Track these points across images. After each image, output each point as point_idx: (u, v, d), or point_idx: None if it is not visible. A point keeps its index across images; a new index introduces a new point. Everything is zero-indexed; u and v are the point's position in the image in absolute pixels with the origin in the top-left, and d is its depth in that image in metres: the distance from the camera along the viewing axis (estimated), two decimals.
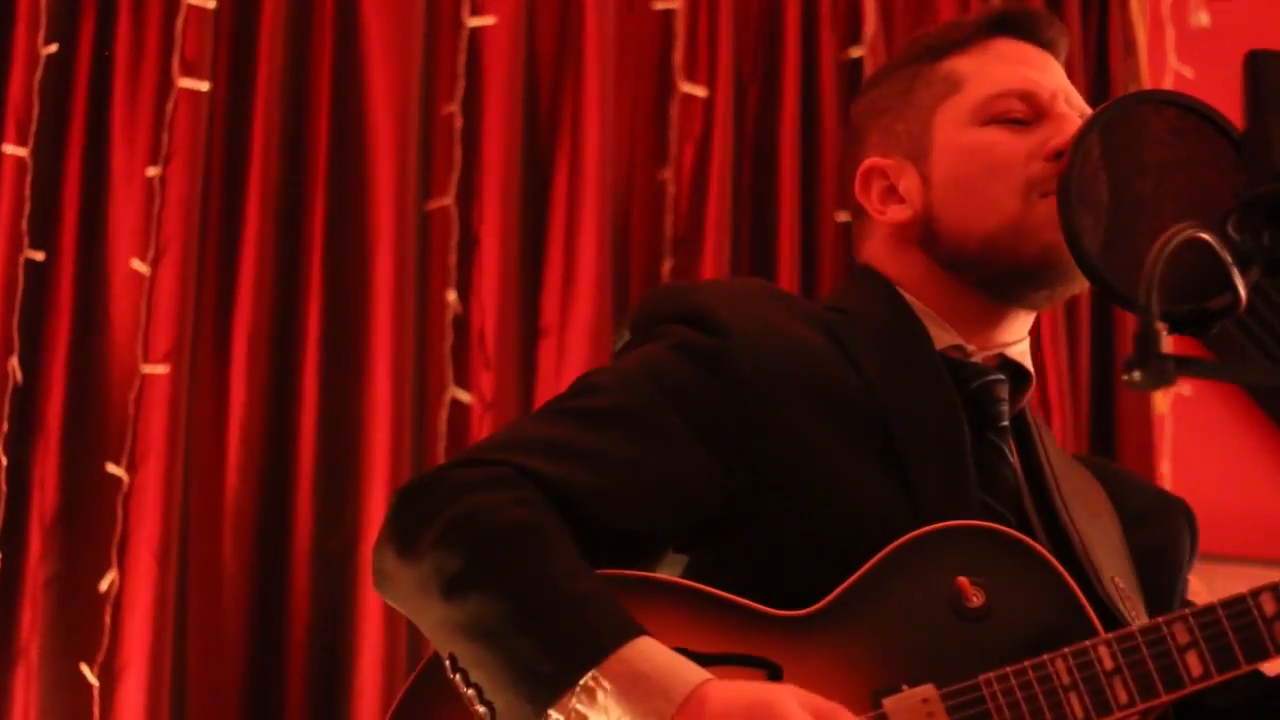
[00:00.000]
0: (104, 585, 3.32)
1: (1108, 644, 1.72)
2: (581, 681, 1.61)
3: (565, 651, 1.63)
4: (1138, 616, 1.86)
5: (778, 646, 1.72)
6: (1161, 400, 4.06)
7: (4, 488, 3.33)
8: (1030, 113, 1.95)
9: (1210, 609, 1.73)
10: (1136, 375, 1.34)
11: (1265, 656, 1.73)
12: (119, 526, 3.34)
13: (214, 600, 3.41)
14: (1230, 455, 4.21)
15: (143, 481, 3.35)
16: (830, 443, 1.82)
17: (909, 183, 1.99)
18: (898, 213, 2.00)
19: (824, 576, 1.77)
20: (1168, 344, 1.37)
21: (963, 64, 2.00)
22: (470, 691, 1.68)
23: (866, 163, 2.03)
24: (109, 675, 3.29)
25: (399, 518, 1.76)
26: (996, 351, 1.96)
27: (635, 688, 1.61)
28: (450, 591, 1.68)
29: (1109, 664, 1.71)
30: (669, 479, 1.79)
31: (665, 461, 1.79)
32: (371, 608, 3.42)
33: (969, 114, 1.97)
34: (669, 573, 1.82)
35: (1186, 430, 4.07)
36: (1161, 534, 2.04)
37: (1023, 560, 1.77)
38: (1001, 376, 1.94)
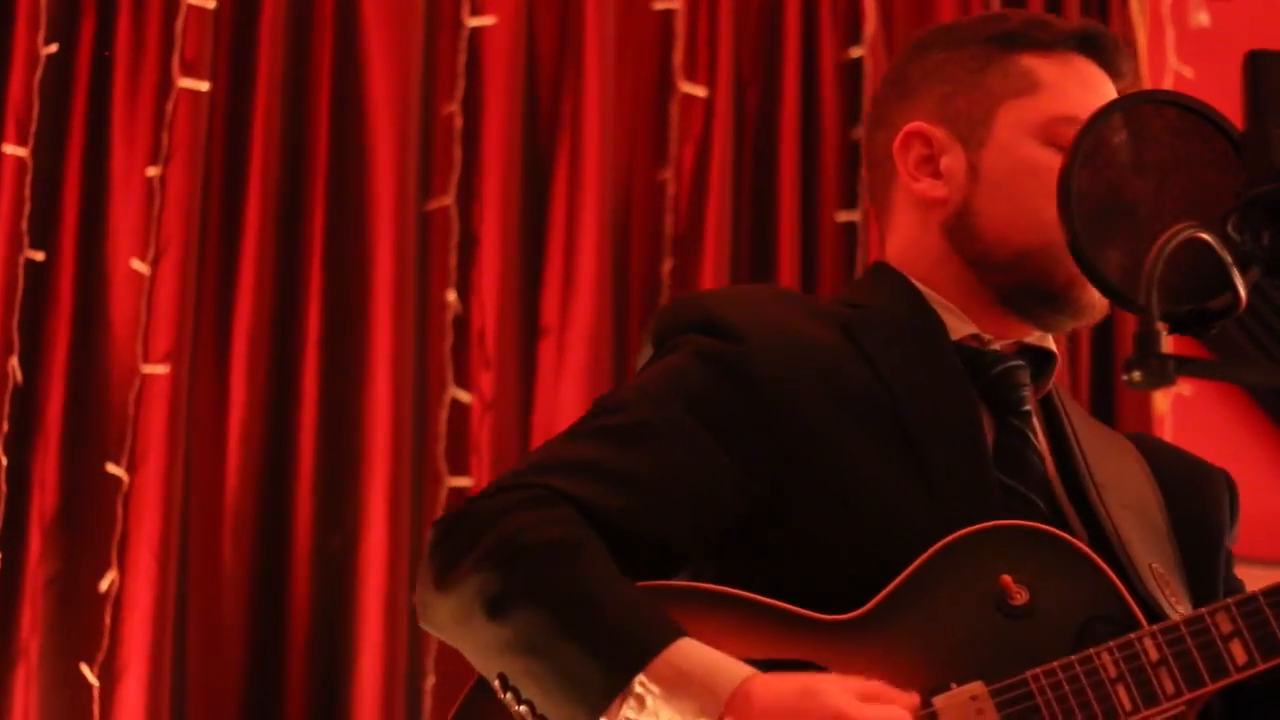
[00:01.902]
0: (104, 585, 3.32)
1: (1153, 636, 1.73)
2: (629, 686, 1.65)
3: (611, 658, 1.67)
4: (1176, 600, 1.87)
5: (825, 650, 1.74)
6: (1161, 400, 4.06)
7: (4, 488, 3.33)
8: None
9: (1252, 598, 1.75)
10: (1136, 375, 1.34)
11: None
12: (119, 526, 3.34)
13: (214, 600, 3.41)
14: (1230, 455, 4.18)
15: (143, 481, 3.35)
16: (846, 439, 1.83)
17: (953, 162, 1.97)
18: (932, 187, 1.98)
19: (848, 573, 1.79)
20: (1168, 344, 1.37)
21: (1043, 69, 1.98)
22: (523, 709, 1.71)
23: (914, 124, 2.00)
24: (109, 675, 3.29)
25: (436, 551, 1.79)
26: (1014, 340, 1.96)
27: (681, 688, 1.65)
28: (494, 611, 1.72)
29: (1154, 655, 1.72)
30: (695, 489, 1.82)
31: (690, 472, 1.82)
32: (371, 607, 3.43)
33: (1036, 126, 1.95)
34: (691, 577, 1.84)
35: (1186, 430, 4.07)
36: (1200, 503, 2.05)
37: (1063, 556, 1.79)
38: (1021, 362, 1.94)
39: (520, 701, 1.71)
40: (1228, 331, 1.73)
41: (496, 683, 1.73)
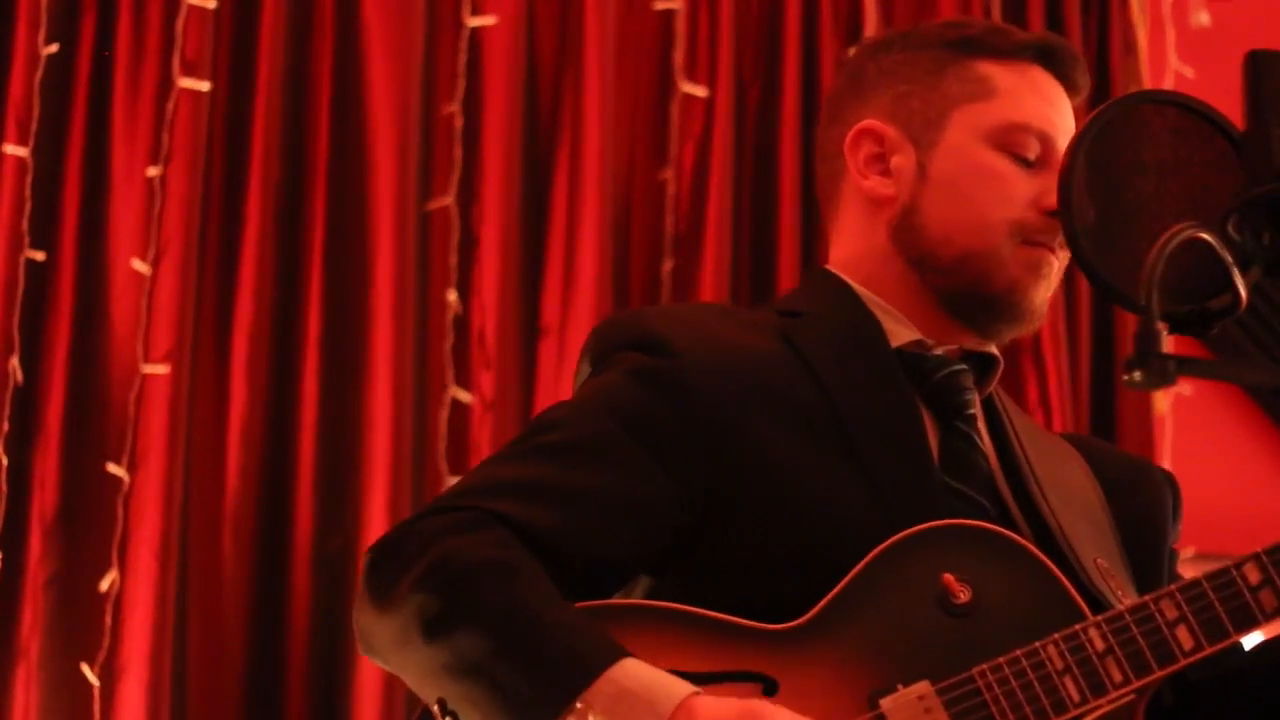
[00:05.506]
0: (104, 585, 3.33)
1: (1097, 626, 1.73)
2: (572, 706, 1.63)
3: (553, 679, 1.64)
4: (1123, 593, 1.87)
5: (770, 660, 1.72)
6: (1161, 400, 4.06)
7: (4, 488, 3.33)
8: (1041, 155, 1.95)
9: (1196, 583, 1.74)
10: (1136, 375, 1.34)
11: (1254, 625, 1.74)
12: (119, 526, 3.35)
13: (214, 600, 3.41)
14: (1230, 455, 4.21)
15: (143, 481, 3.36)
16: (789, 448, 1.82)
17: (903, 162, 1.97)
18: (881, 185, 1.98)
19: (798, 582, 1.77)
20: (1168, 344, 1.37)
21: (999, 76, 1.98)
22: None
23: (867, 122, 2.00)
24: (109, 675, 3.29)
25: (373, 574, 1.77)
26: (957, 345, 1.96)
27: (622, 706, 1.63)
28: (432, 633, 1.70)
29: (1100, 645, 1.72)
30: (631, 505, 1.80)
31: (625, 488, 1.80)
32: None
33: (989, 131, 1.95)
34: (638, 595, 1.84)
35: (1186, 430, 4.07)
36: (1142, 501, 2.04)
37: (1005, 553, 1.78)
38: (964, 366, 1.95)
39: None
40: (1228, 331, 1.73)
41: (436, 707, 1.70)
